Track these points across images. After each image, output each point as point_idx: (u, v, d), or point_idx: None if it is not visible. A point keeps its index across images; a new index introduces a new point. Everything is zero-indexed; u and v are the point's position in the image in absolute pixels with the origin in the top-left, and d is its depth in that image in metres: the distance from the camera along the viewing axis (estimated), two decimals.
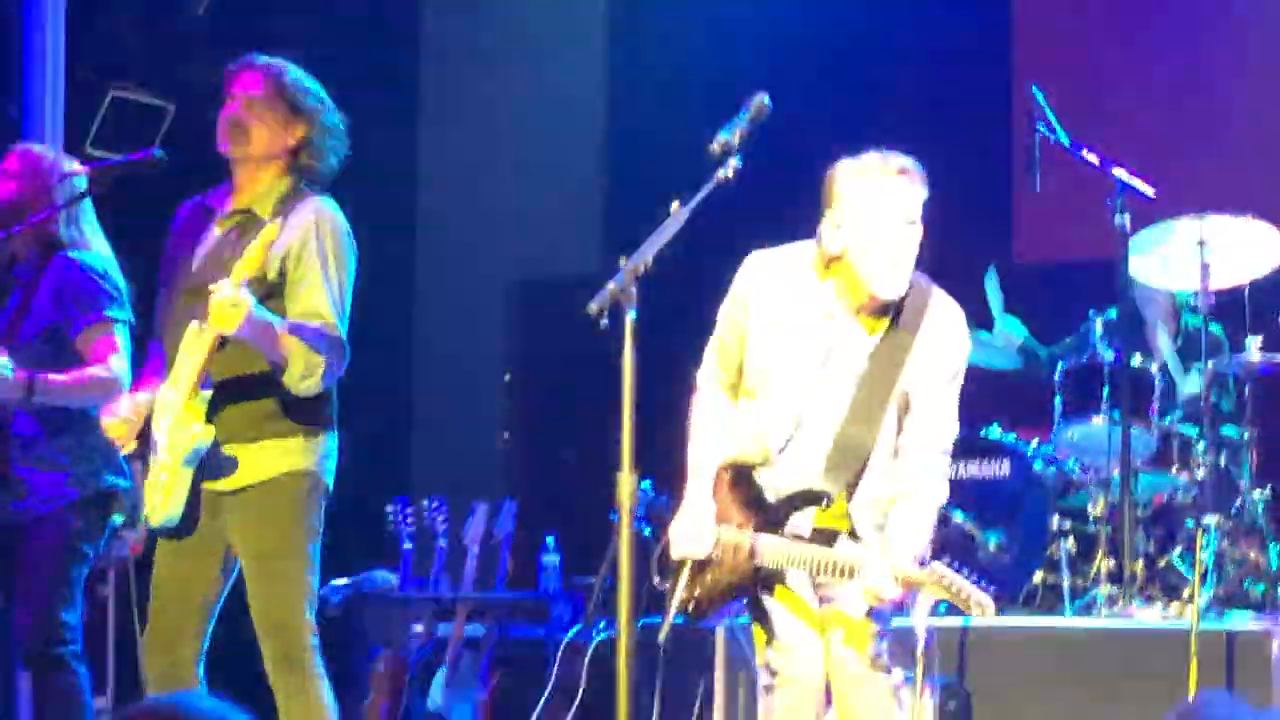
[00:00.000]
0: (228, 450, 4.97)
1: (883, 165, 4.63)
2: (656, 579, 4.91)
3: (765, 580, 4.73)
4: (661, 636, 4.87)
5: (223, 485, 5.00)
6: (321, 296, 4.95)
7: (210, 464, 4.95)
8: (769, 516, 4.72)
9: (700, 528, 4.74)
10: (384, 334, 5.15)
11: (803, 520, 4.68)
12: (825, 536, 4.66)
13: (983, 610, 4.45)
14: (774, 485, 4.75)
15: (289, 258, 4.96)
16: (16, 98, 8.10)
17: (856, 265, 4.62)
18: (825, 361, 4.68)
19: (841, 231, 4.63)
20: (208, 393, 4.92)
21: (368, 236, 5.30)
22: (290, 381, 4.95)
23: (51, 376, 5.64)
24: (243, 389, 4.96)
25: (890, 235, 4.58)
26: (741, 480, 4.77)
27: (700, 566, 4.77)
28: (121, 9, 8.96)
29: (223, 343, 4.84)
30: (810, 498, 4.66)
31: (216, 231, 5.11)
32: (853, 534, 4.68)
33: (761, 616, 4.82)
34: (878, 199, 4.60)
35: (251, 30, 9.11)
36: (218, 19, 9.31)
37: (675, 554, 4.78)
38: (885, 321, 4.67)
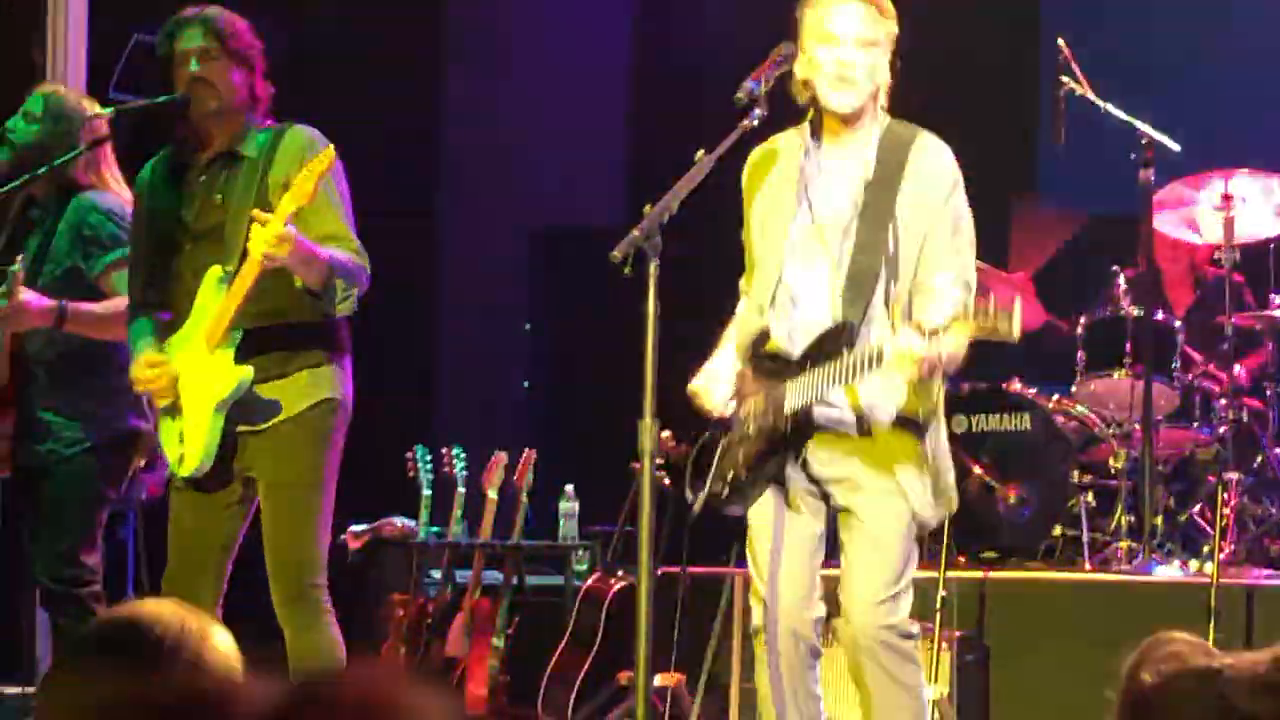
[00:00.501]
0: (260, 388, 4.96)
1: None
2: (688, 493, 4.86)
3: (796, 443, 4.62)
4: (696, 508, 4.80)
5: (259, 425, 5.00)
6: (334, 218, 4.96)
7: (243, 406, 4.95)
8: (795, 372, 4.63)
9: (709, 378, 4.75)
10: (406, 282, 5.15)
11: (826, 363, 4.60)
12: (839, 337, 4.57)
13: (1010, 325, 4.16)
14: (796, 341, 4.66)
15: (289, 184, 4.93)
16: (40, 42, 8.09)
17: (816, 87, 4.60)
18: (819, 197, 4.64)
19: (803, 58, 4.62)
20: (237, 335, 4.92)
21: (390, 185, 5.30)
22: (330, 306, 4.98)
23: (81, 305, 5.66)
24: (269, 325, 4.96)
25: (840, 52, 4.55)
26: (760, 359, 4.71)
27: (731, 443, 4.71)
28: None
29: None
30: (833, 335, 4.56)
31: (202, 179, 5.10)
32: None
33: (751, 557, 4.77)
34: (830, 19, 4.58)
35: None
36: None
37: (699, 399, 4.74)
38: (870, 150, 4.63)
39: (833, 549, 4.79)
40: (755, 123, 4.47)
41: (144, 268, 5.21)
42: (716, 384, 4.77)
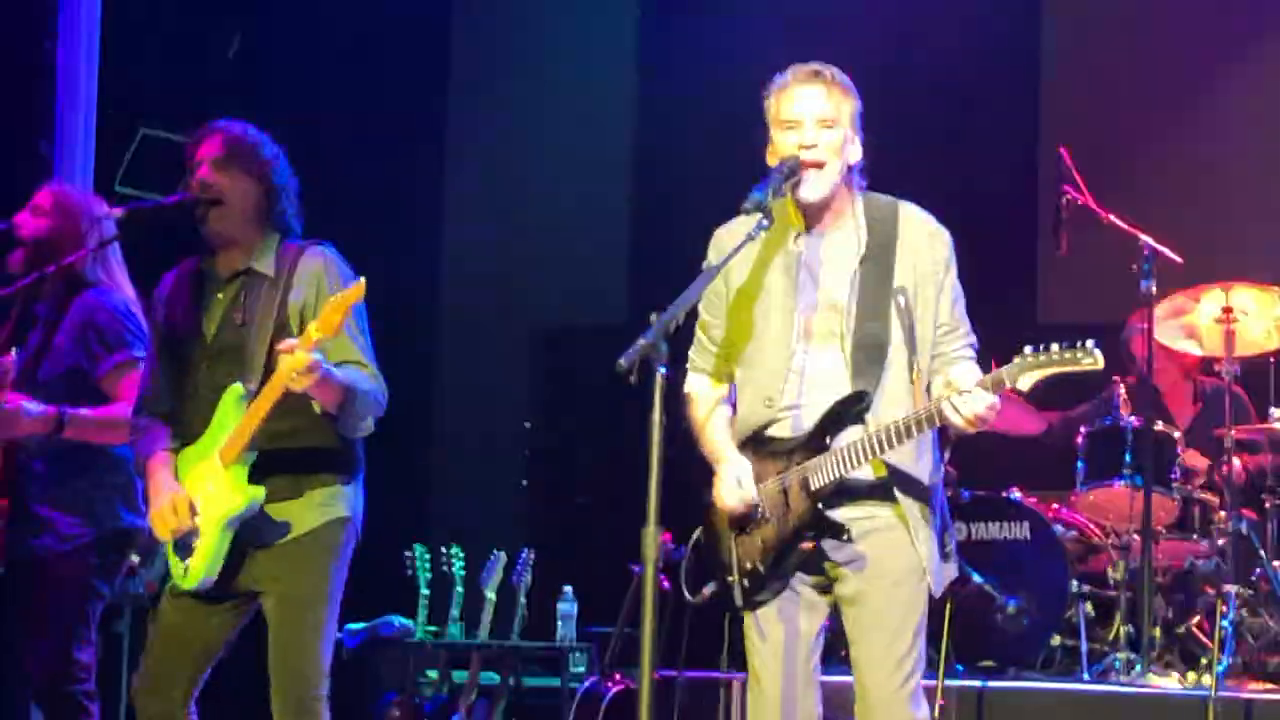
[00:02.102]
0: (271, 508, 4.98)
1: (794, 71, 4.63)
2: (687, 594, 4.81)
3: (827, 523, 4.51)
4: (698, 597, 4.70)
5: (267, 543, 5.01)
6: (351, 343, 4.99)
7: (253, 525, 4.97)
8: (810, 451, 4.56)
9: (741, 472, 4.59)
10: (407, 380, 5.15)
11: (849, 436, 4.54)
12: (855, 408, 4.52)
13: (1092, 358, 4.19)
14: (802, 423, 4.60)
15: (307, 309, 4.99)
16: (49, 135, 8.14)
17: None
18: (815, 278, 4.62)
19: (771, 147, 4.63)
20: (253, 455, 4.95)
21: (393, 281, 5.32)
22: (349, 430, 5.01)
23: (81, 412, 5.66)
24: (283, 445, 4.98)
25: (800, 135, 4.55)
26: (763, 442, 4.64)
27: (744, 531, 4.62)
28: (153, 51, 9.02)
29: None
30: (848, 406, 4.52)
31: (221, 297, 5.13)
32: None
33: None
34: (790, 102, 4.59)
35: (279, 74, 9.18)
36: (246, 62, 9.38)
37: (723, 509, 4.62)
38: (857, 225, 4.62)
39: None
40: (762, 233, 4.47)
41: (160, 379, 5.23)
42: (747, 479, 4.62)
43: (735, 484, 4.61)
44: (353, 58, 9.85)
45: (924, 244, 4.63)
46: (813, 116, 4.57)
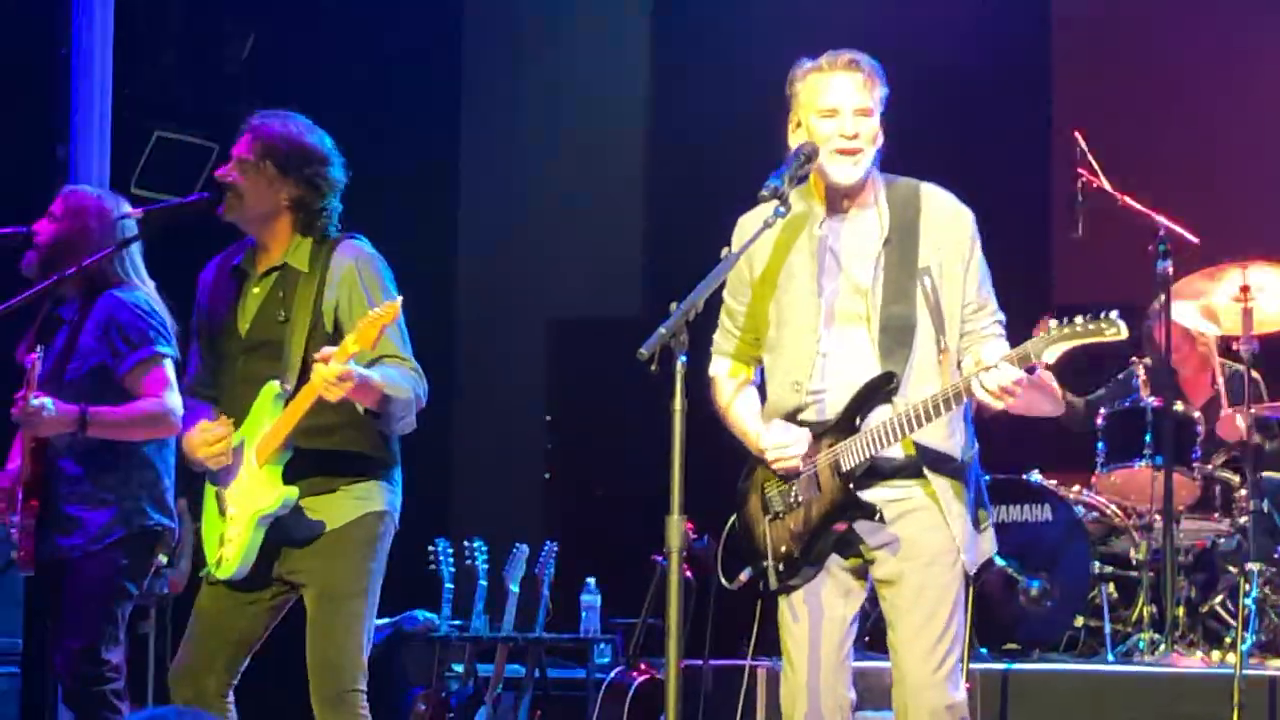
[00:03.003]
0: (306, 504, 5.00)
1: (830, 59, 4.65)
2: (724, 580, 4.82)
3: (859, 504, 4.53)
4: (735, 583, 4.70)
5: (299, 540, 5.04)
6: (389, 339, 5.00)
7: (287, 522, 4.99)
8: (841, 433, 4.56)
9: (789, 431, 4.59)
10: (426, 373, 5.16)
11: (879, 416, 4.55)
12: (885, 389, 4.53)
13: (1116, 329, 4.24)
14: (832, 405, 4.61)
15: (340, 310, 5.02)
16: (65, 139, 8.17)
17: (819, 159, 4.60)
18: (839, 261, 4.63)
19: (800, 130, 4.65)
20: (288, 454, 4.97)
21: (410, 273, 5.34)
22: (389, 427, 5.04)
23: (104, 410, 5.69)
24: (318, 442, 5.00)
25: (839, 123, 4.58)
26: (797, 425, 4.64)
27: (778, 516, 4.64)
28: (166, 53, 9.04)
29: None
30: (878, 387, 4.53)
31: (256, 291, 5.16)
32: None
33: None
34: (826, 90, 4.62)
35: (293, 74, 9.20)
36: (259, 63, 9.40)
37: (779, 465, 4.60)
38: (880, 208, 4.64)
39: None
40: (779, 219, 4.48)
41: (204, 364, 5.26)
42: (798, 437, 4.61)
43: (786, 439, 4.60)
44: (366, 56, 9.87)
45: (948, 223, 4.66)
46: (851, 105, 4.61)
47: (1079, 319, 4.29)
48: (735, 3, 9.87)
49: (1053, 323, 4.31)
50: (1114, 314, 4.27)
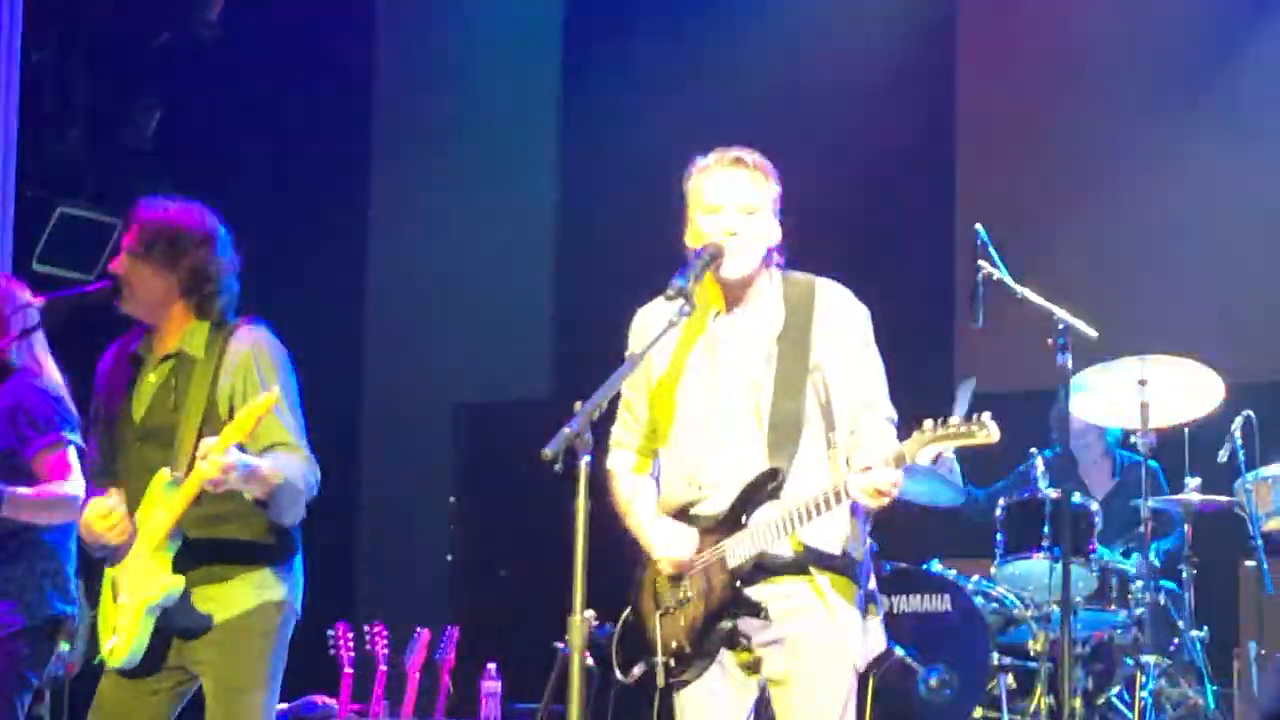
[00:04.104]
0: (199, 592, 4.95)
1: (718, 157, 4.68)
2: (618, 672, 4.81)
3: (745, 602, 4.56)
4: (628, 677, 4.72)
5: (191, 630, 4.99)
6: (281, 427, 4.97)
7: (177, 612, 4.94)
8: (728, 529, 4.59)
9: (676, 531, 4.63)
10: (329, 455, 5.14)
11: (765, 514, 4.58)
12: (769, 485, 4.56)
13: (987, 431, 4.24)
14: (722, 501, 4.64)
15: (235, 396, 4.98)
16: None
17: None
18: (731, 358, 4.65)
19: (691, 227, 4.68)
20: (177, 542, 4.93)
21: (315, 355, 5.32)
22: (279, 517, 4.98)
23: (20, 490, 5.64)
24: (211, 531, 4.97)
25: (724, 221, 4.60)
26: (688, 520, 4.67)
27: (668, 612, 4.65)
28: (71, 129, 9.01)
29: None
30: (763, 483, 4.56)
31: (152, 378, 5.13)
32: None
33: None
34: (712, 187, 4.64)
35: (200, 149, 9.19)
36: (165, 137, 9.38)
37: (669, 562, 4.63)
38: (775, 304, 4.67)
39: None
40: (684, 318, 4.50)
41: (97, 456, 5.22)
42: (684, 538, 4.65)
43: (671, 539, 4.63)
44: (274, 133, 9.87)
45: (841, 320, 4.69)
46: (735, 202, 4.63)
47: (953, 420, 4.31)
48: (643, 91, 9.93)
49: (927, 423, 4.34)
50: (985, 416, 4.29)
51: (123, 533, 4.98)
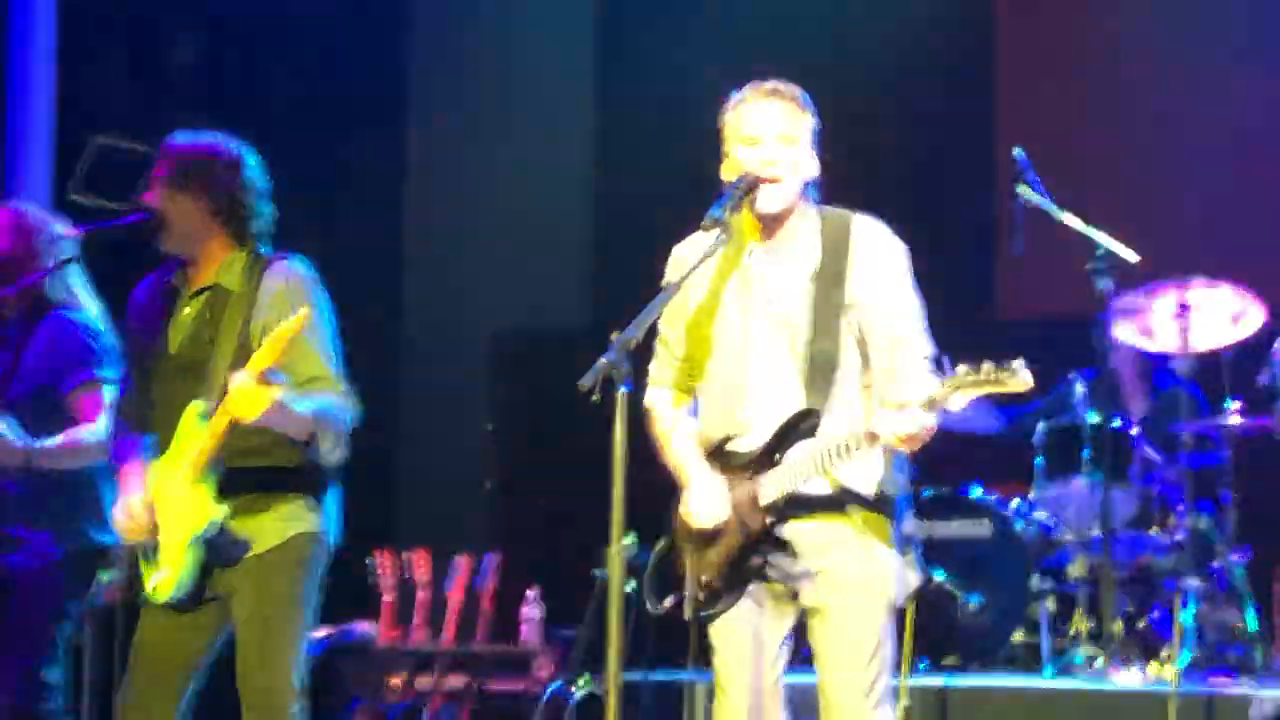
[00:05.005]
0: (237, 523, 4.98)
1: (754, 88, 4.67)
2: (650, 603, 4.83)
3: (776, 539, 4.57)
4: (660, 608, 4.74)
5: (229, 559, 5.02)
6: (316, 361, 4.98)
7: (218, 542, 4.97)
8: (762, 466, 4.60)
9: (710, 492, 4.64)
10: (368, 384, 5.15)
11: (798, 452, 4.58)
12: (805, 424, 4.57)
13: (1019, 379, 4.20)
14: (758, 438, 4.64)
15: (269, 330, 4.95)
16: (4, 148, 8.14)
17: None
18: (766, 294, 4.66)
19: (729, 160, 4.67)
20: (216, 473, 4.95)
21: (353, 284, 5.33)
22: (316, 455, 5.01)
23: (46, 445, 5.67)
24: (248, 461, 4.99)
25: (762, 152, 4.59)
26: (724, 456, 4.68)
27: (703, 544, 4.66)
28: (110, 59, 9.01)
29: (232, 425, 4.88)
30: (799, 422, 4.56)
31: (187, 311, 5.14)
32: None
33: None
34: (750, 119, 4.63)
35: (240, 80, 9.18)
36: (205, 70, 9.37)
37: (697, 527, 4.63)
38: (811, 241, 4.65)
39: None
40: (720, 246, 4.50)
41: (129, 389, 5.23)
42: (718, 496, 4.65)
43: (706, 501, 4.64)
44: (313, 67, 9.85)
45: (878, 258, 4.66)
46: (773, 133, 4.61)
47: (985, 367, 4.26)
48: (680, 19, 9.89)
49: (961, 368, 4.31)
50: (1018, 363, 4.25)
51: (141, 533, 5.01)
